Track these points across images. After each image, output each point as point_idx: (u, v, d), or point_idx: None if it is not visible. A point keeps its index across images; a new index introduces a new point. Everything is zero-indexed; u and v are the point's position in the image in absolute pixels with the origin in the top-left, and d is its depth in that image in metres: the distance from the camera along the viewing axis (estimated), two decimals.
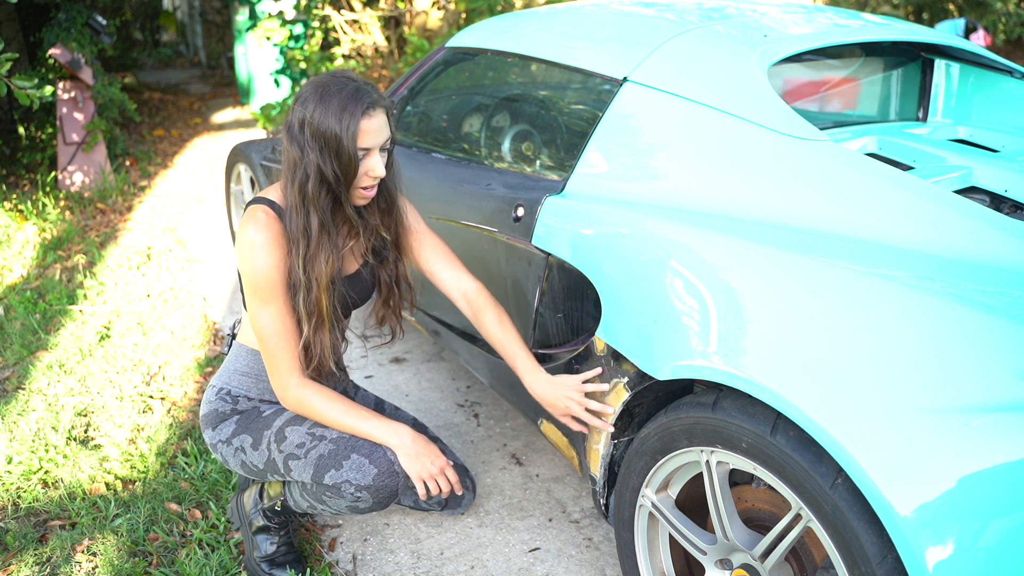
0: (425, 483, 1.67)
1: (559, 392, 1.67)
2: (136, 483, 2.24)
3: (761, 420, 1.29)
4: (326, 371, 1.71)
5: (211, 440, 1.81)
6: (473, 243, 2.10)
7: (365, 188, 1.64)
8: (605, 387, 1.63)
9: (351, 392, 2.08)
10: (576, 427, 1.71)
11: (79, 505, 2.14)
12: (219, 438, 1.80)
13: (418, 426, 2.07)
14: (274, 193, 1.67)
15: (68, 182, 5.09)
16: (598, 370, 1.65)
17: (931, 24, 8.15)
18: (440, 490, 1.68)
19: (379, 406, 2.09)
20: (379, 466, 1.64)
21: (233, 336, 1.92)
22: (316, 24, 6.59)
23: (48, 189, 5.06)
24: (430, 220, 2.26)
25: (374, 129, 1.57)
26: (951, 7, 8.29)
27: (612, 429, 1.63)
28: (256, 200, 1.66)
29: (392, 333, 1.93)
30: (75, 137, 5.08)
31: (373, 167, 1.60)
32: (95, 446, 2.42)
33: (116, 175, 5.37)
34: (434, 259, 1.87)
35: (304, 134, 1.56)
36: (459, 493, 1.71)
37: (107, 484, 2.25)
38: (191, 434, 2.47)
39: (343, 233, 1.72)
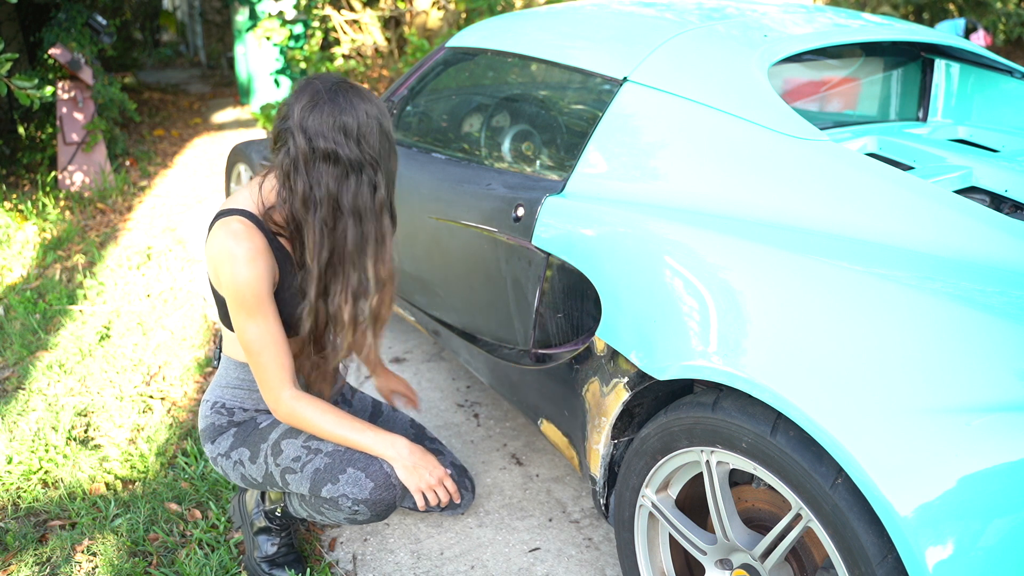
0: (424, 494, 1.65)
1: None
2: (136, 483, 2.24)
3: (761, 420, 1.29)
4: (327, 387, 1.70)
5: (211, 454, 1.79)
6: (473, 243, 2.10)
7: None
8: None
9: (347, 394, 2.07)
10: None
11: (79, 505, 2.14)
12: (218, 451, 1.77)
13: (415, 427, 2.07)
14: (244, 201, 1.59)
15: (68, 182, 5.09)
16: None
17: (931, 24, 8.14)
18: (439, 501, 1.67)
19: (376, 408, 2.08)
20: (375, 480, 1.62)
21: (220, 349, 1.90)
22: (316, 24, 6.59)
23: (48, 189, 5.06)
24: (430, 220, 2.26)
25: None
26: (951, 7, 8.29)
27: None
28: (228, 211, 1.56)
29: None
30: (75, 137, 5.08)
31: None
32: (95, 446, 2.42)
33: (116, 175, 5.37)
34: None
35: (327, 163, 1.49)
36: (457, 502, 1.70)
37: (107, 484, 2.25)
38: (191, 434, 2.47)
39: None
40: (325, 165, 1.49)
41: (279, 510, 1.83)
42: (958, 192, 1.70)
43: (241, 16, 7.76)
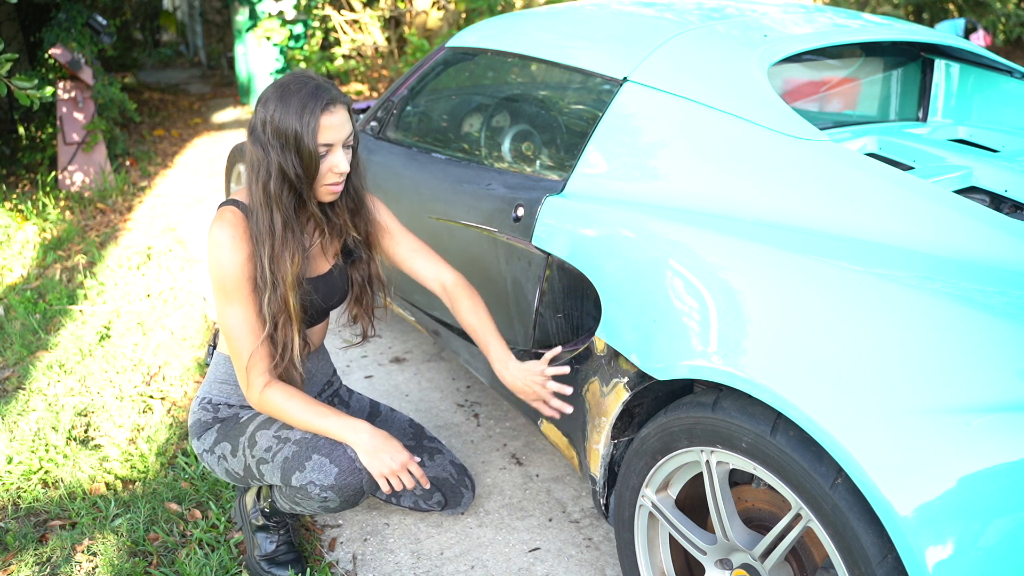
0: (389, 480, 1.64)
1: (528, 378, 1.71)
2: (136, 483, 2.24)
3: (761, 420, 1.29)
4: (297, 375, 1.70)
5: (198, 450, 1.84)
6: (473, 243, 2.10)
7: (331, 184, 1.65)
8: (566, 370, 1.69)
9: (345, 395, 2.07)
10: (548, 412, 1.74)
11: (79, 505, 2.14)
12: (203, 447, 1.82)
13: (414, 426, 2.07)
14: (242, 195, 1.69)
15: (68, 182, 5.09)
16: (558, 349, 1.72)
17: (931, 24, 8.15)
18: (404, 487, 1.65)
19: (374, 409, 2.08)
20: (340, 465, 1.63)
21: (214, 346, 1.93)
22: (316, 24, 6.59)
23: (48, 189, 5.06)
24: (430, 220, 2.27)
25: (335, 125, 1.58)
26: (951, 7, 8.30)
27: (569, 410, 1.70)
28: (225, 202, 1.67)
29: (363, 333, 1.93)
30: (75, 137, 5.08)
31: (337, 163, 1.61)
32: (95, 446, 2.42)
33: (116, 175, 5.37)
34: (411, 255, 1.88)
35: (266, 134, 1.58)
36: (426, 487, 1.69)
37: (107, 484, 2.25)
38: None
39: (309, 232, 1.73)
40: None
41: (267, 506, 1.85)
42: (958, 192, 1.70)
43: (241, 16, 7.76)
